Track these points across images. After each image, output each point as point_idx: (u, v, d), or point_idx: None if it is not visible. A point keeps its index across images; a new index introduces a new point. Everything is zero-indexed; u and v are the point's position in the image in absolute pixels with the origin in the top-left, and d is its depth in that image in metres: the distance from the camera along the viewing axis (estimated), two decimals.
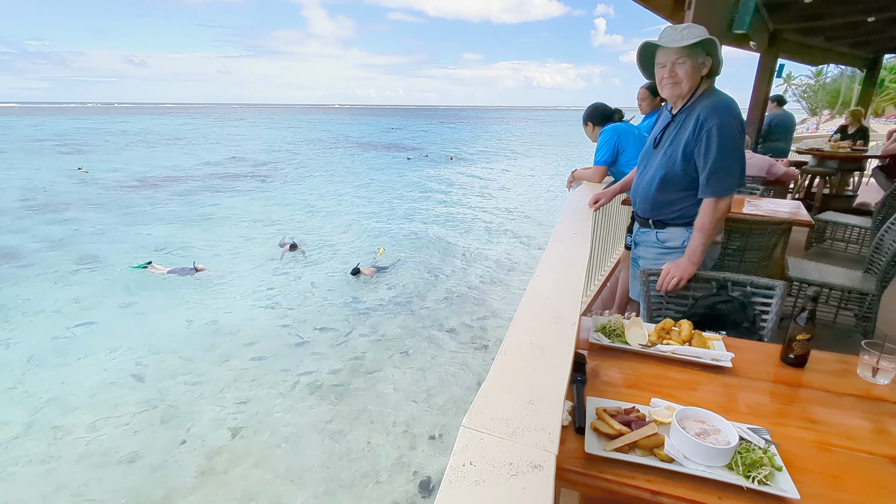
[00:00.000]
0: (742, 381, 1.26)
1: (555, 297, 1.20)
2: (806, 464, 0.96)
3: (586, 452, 0.96)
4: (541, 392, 0.81)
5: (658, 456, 0.95)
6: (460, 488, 0.60)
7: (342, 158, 25.23)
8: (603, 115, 3.01)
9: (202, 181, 17.35)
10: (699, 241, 1.88)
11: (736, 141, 1.80)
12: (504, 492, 0.60)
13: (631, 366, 1.32)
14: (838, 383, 1.26)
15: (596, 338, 1.40)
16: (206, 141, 35.10)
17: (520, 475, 0.62)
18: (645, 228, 2.15)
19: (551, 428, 0.72)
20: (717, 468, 0.92)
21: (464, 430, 0.71)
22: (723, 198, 1.84)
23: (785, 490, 0.87)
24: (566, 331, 1.02)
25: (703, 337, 1.39)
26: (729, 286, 1.85)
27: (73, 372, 4.98)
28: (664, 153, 1.96)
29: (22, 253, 8.84)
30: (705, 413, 1.01)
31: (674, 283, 1.86)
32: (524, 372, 0.87)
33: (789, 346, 1.32)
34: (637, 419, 1.03)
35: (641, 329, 1.41)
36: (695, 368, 1.31)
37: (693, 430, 0.98)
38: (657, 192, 2.00)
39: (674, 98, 1.91)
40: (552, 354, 0.93)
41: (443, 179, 18.21)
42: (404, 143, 35.71)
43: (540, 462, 0.64)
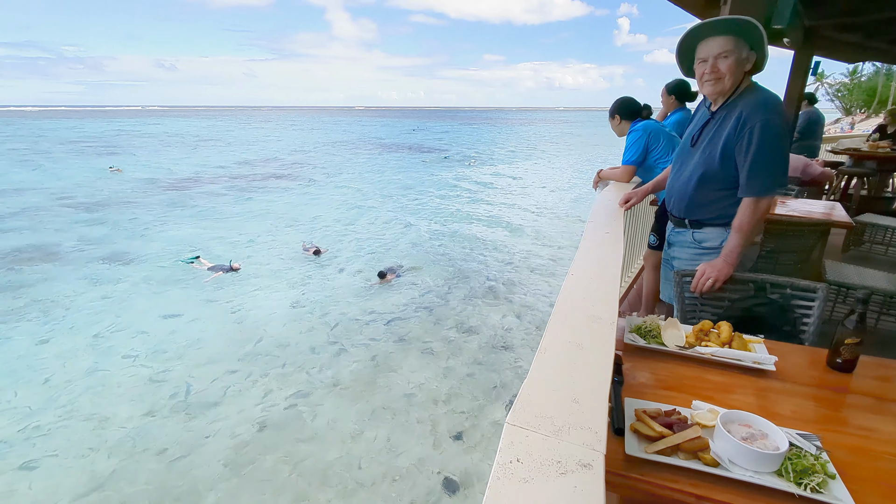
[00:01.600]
0: (786, 386, 1.21)
1: (590, 296, 1.18)
2: (859, 473, 0.92)
3: (627, 454, 0.94)
4: (584, 390, 0.79)
5: (702, 460, 0.92)
6: (508, 485, 0.60)
7: (364, 160, 25.46)
8: (631, 110, 2.95)
9: (230, 181, 17.73)
10: (737, 241, 1.82)
11: (780, 139, 1.74)
12: (553, 490, 0.59)
13: (668, 368, 1.29)
14: (890, 389, 1.21)
15: (631, 338, 1.37)
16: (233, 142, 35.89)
17: (569, 474, 0.61)
18: (680, 228, 2.09)
19: (598, 427, 0.70)
20: (765, 474, 0.89)
21: (508, 426, 0.70)
22: (763, 197, 1.78)
23: (840, 499, 0.83)
24: (605, 329, 1.00)
25: (743, 339, 1.35)
26: (767, 288, 1.80)
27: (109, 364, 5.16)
28: (702, 151, 1.90)
29: (61, 250, 9.19)
30: (751, 417, 0.98)
31: (709, 285, 1.81)
32: (565, 370, 0.86)
33: (836, 350, 1.27)
34: (679, 421, 1.00)
35: (678, 330, 1.38)
36: (735, 371, 1.27)
37: (739, 434, 0.94)
38: (695, 192, 1.94)
39: (715, 95, 1.84)
40: (592, 353, 0.92)
41: (465, 180, 18.20)
42: (425, 144, 35.84)
43: (589, 461, 0.63)
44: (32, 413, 4.34)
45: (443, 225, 11.36)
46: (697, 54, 1.82)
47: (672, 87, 3.49)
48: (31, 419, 4.24)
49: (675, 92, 3.50)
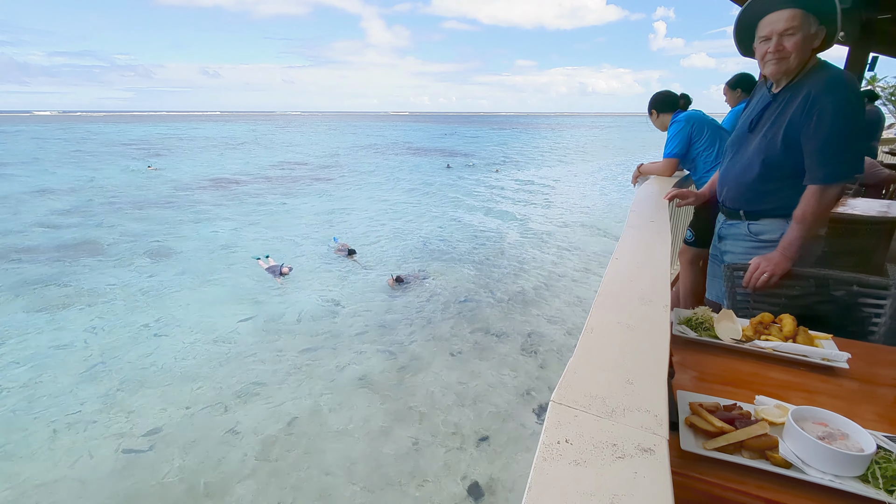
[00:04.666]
0: (862, 386, 1.08)
1: (638, 278, 1.09)
2: None
3: (682, 450, 0.84)
4: (639, 372, 0.70)
5: (771, 459, 0.81)
6: (556, 466, 0.52)
7: (396, 163, 25.68)
8: (667, 102, 2.82)
9: (267, 183, 18.20)
10: (797, 233, 1.67)
11: (854, 120, 1.58)
12: (610, 475, 0.50)
13: (722, 362, 1.17)
14: None
15: (680, 330, 1.26)
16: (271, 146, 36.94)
17: (627, 458, 0.53)
18: (734, 220, 1.94)
19: (658, 410, 0.61)
20: (847, 479, 0.77)
21: (554, 405, 0.62)
22: (832, 185, 1.62)
23: None
24: (658, 312, 0.91)
25: (809, 334, 1.22)
26: (830, 284, 1.64)
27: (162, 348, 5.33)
28: (763, 136, 1.76)
29: (104, 245, 9.59)
30: (828, 414, 0.86)
31: (763, 280, 1.67)
32: (615, 351, 0.77)
33: None
34: (741, 416, 0.90)
35: (734, 323, 1.26)
36: (801, 369, 1.14)
37: (815, 433, 0.83)
38: (754, 180, 1.80)
39: (778, 75, 1.70)
40: (645, 335, 0.82)
41: (493, 185, 18.08)
42: (456, 148, 35.91)
43: (650, 446, 0.54)
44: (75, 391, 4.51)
45: (471, 228, 11.29)
46: (759, 31, 1.68)
47: (735, 82, 3.35)
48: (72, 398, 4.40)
49: (740, 85, 3.34)
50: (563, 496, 0.47)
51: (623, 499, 0.47)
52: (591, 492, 0.47)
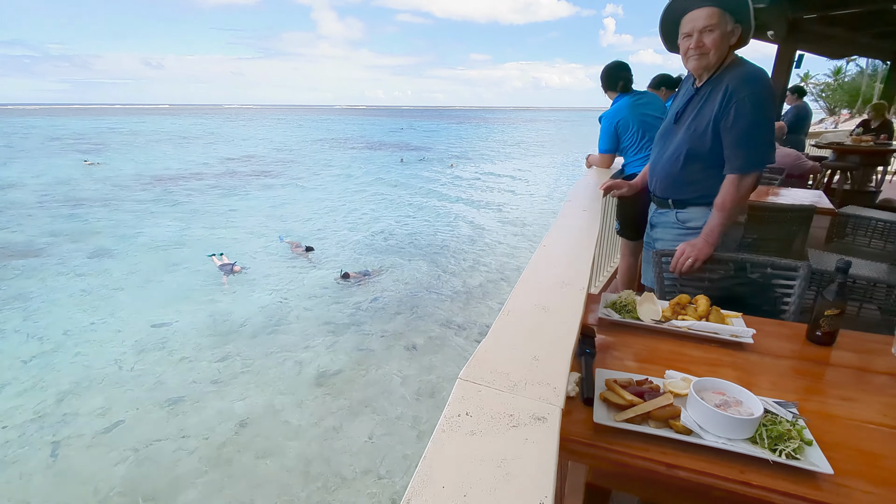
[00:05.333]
0: (765, 359, 1.17)
1: (563, 264, 1.13)
2: (838, 440, 0.88)
3: (595, 423, 0.89)
4: (546, 349, 0.74)
5: (674, 427, 0.87)
6: (453, 437, 0.54)
7: (350, 158, 25.30)
8: (609, 79, 2.85)
9: (215, 179, 17.52)
10: (718, 220, 1.78)
11: (767, 113, 1.70)
12: (502, 442, 0.53)
13: (643, 342, 1.24)
14: (871, 362, 1.17)
15: (606, 313, 1.33)
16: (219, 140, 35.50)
17: (521, 427, 0.56)
18: (663, 209, 2.05)
19: (557, 382, 0.65)
20: (738, 441, 0.85)
21: (460, 382, 0.65)
22: (748, 174, 1.73)
23: (816, 465, 0.78)
24: (574, 294, 0.95)
25: (720, 313, 1.31)
26: (748, 268, 1.76)
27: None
28: (687, 128, 1.86)
29: (37, 246, 8.98)
30: (726, 384, 0.94)
31: (688, 265, 1.77)
32: (527, 330, 0.81)
33: (816, 322, 1.23)
34: (650, 390, 0.96)
35: (654, 305, 1.33)
36: (713, 345, 1.23)
37: (712, 402, 0.90)
38: (680, 170, 1.89)
39: (700, 70, 1.79)
40: (559, 315, 0.87)
41: (448, 179, 18.14)
42: (412, 142, 35.71)
43: (544, 414, 0.58)
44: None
45: (427, 222, 11.30)
46: (681, 28, 1.77)
47: (657, 83, 3.48)
48: None
49: (662, 84, 3.48)
50: (456, 462, 0.49)
51: (511, 461, 0.50)
52: (482, 457, 0.50)
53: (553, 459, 0.50)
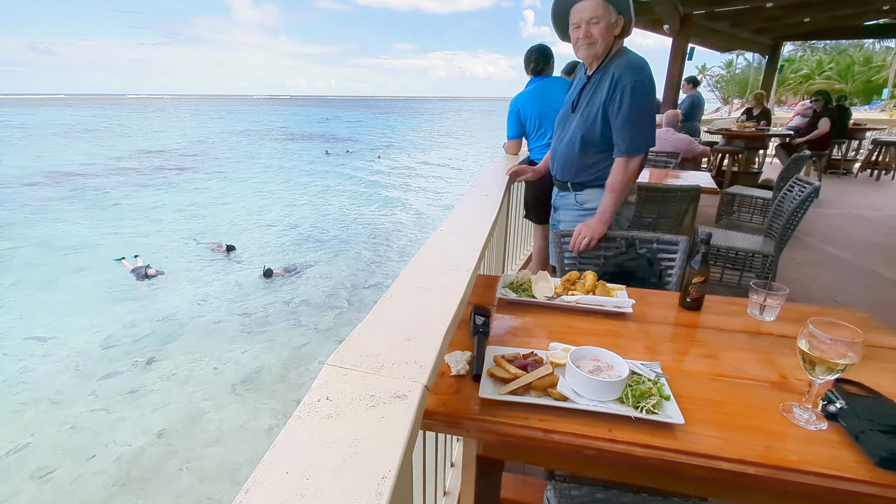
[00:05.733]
0: (642, 326, 1.28)
1: (454, 248, 1.16)
2: (695, 393, 0.98)
3: (480, 398, 0.92)
4: (421, 329, 0.75)
5: (552, 395, 0.93)
6: (309, 423, 0.54)
7: (270, 151, 24.15)
8: (526, 61, 2.89)
9: (122, 175, 16.01)
10: (610, 201, 1.91)
11: (648, 100, 1.83)
12: (358, 423, 0.54)
13: (537, 318, 1.31)
14: (731, 322, 1.31)
15: (503, 293, 1.38)
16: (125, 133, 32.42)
17: (380, 406, 0.56)
18: (564, 192, 2.15)
19: (424, 360, 0.67)
20: (609, 402, 0.92)
21: (326, 367, 0.64)
22: (634, 157, 1.87)
23: (671, 417, 0.87)
24: (459, 276, 0.98)
25: (606, 287, 1.41)
26: (637, 244, 1.91)
27: None
28: (581, 114, 1.96)
29: None
30: (600, 351, 1.01)
31: (585, 243, 1.89)
32: (407, 313, 0.82)
33: (686, 290, 1.36)
34: (534, 362, 1.01)
35: (548, 282, 1.40)
36: (598, 316, 1.32)
37: (587, 368, 0.97)
38: (576, 155, 2.00)
39: (589, 59, 1.90)
40: (440, 297, 0.88)
41: (374, 171, 17.91)
42: (337, 134, 34.78)
43: (404, 392, 0.59)
44: None
45: (353, 215, 11.11)
46: (571, 19, 1.86)
47: (570, 69, 3.57)
48: None
49: (574, 70, 3.60)
50: (305, 447, 0.49)
51: (362, 440, 0.50)
52: (333, 440, 0.50)
53: (405, 433, 0.51)
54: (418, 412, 0.58)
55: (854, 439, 0.83)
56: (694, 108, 6.78)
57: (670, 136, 4.96)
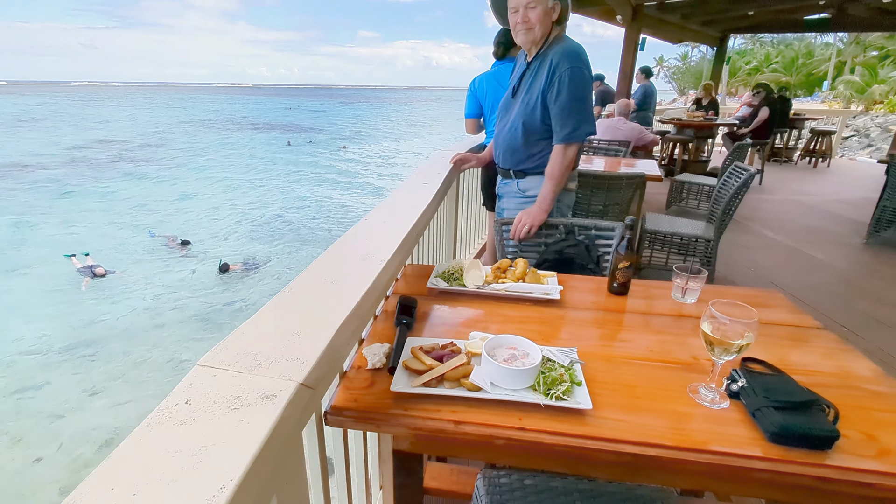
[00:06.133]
0: (569, 312, 1.28)
1: (374, 238, 1.12)
2: (609, 377, 0.98)
3: (392, 391, 0.90)
4: (315, 323, 0.72)
5: (465, 386, 0.91)
6: (158, 430, 0.50)
7: (230, 141, 23.31)
8: (495, 44, 2.88)
9: (71, 167, 15.09)
10: (549, 188, 1.91)
11: (585, 87, 1.83)
12: (213, 428, 0.50)
13: (467, 307, 1.29)
14: (655, 306, 1.34)
15: (434, 283, 1.35)
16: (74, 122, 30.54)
17: (242, 408, 0.53)
18: (507, 179, 2.15)
19: (307, 356, 0.63)
20: (521, 390, 0.91)
21: (197, 368, 0.60)
22: (571, 144, 1.87)
23: (580, 403, 0.87)
24: (371, 266, 0.94)
25: (537, 274, 1.40)
26: (576, 230, 1.92)
27: None
28: (521, 101, 1.95)
29: None
30: (517, 339, 1.00)
31: (525, 231, 1.89)
32: (305, 306, 0.78)
33: (613, 275, 1.38)
34: (451, 353, 0.99)
35: (480, 271, 1.39)
36: (527, 304, 1.31)
37: (502, 357, 0.95)
38: (517, 142, 1.99)
39: (528, 44, 1.89)
40: (347, 288, 0.85)
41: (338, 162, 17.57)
42: (300, 123, 33.90)
43: (275, 392, 0.55)
44: None
45: (316, 207, 10.88)
46: (509, 3, 1.84)
47: None
48: None
49: None
50: (144, 458, 0.45)
51: (211, 447, 0.47)
52: (179, 448, 0.47)
53: (260, 437, 0.48)
54: (288, 412, 0.54)
55: (752, 416, 0.85)
56: (647, 98, 6.94)
57: (622, 125, 5.05)
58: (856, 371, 1.04)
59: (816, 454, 0.79)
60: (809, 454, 0.79)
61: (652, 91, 7.01)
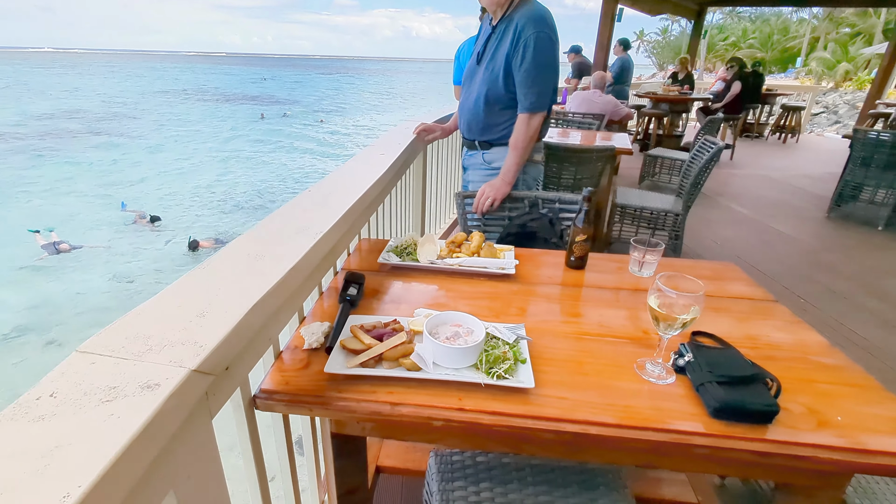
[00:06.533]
0: (525, 287, 1.24)
1: (314, 211, 1.05)
2: (556, 354, 0.95)
3: (326, 373, 0.85)
4: (223, 302, 0.65)
5: (403, 365, 0.87)
6: (8, 428, 0.43)
7: (201, 114, 22.41)
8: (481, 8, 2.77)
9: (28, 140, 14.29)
10: (513, 160, 1.85)
11: (551, 54, 1.75)
12: (75, 424, 0.44)
13: (419, 283, 1.24)
14: (611, 280, 1.31)
15: (385, 258, 1.30)
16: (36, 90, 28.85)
17: (116, 400, 0.47)
18: (472, 151, 2.07)
19: (207, 340, 0.57)
20: (463, 369, 0.87)
21: (74, 355, 0.53)
22: (536, 113, 1.80)
23: (522, 381, 0.83)
24: (305, 240, 0.88)
25: (493, 248, 1.36)
26: (540, 203, 1.88)
27: None
28: (486, 67, 1.86)
29: None
30: (461, 316, 0.96)
31: (488, 205, 1.83)
32: (217, 284, 0.71)
33: (570, 248, 1.34)
34: (393, 331, 0.94)
35: (434, 245, 1.34)
36: (482, 279, 1.27)
37: (445, 335, 0.91)
38: (482, 112, 1.91)
39: (493, 6, 1.80)
40: (270, 263, 0.78)
41: (315, 136, 17.10)
42: (276, 95, 32.76)
43: (158, 381, 0.49)
44: None
45: (290, 183, 10.60)
46: None
47: None
48: None
49: None
50: None
51: (67, 447, 0.41)
52: (26, 449, 0.40)
53: (130, 433, 0.42)
54: (174, 402, 0.48)
55: (696, 391, 0.83)
56: (623, 72, 6.86)
57: (597, 97, 4.98)
58: (804, 343, 1.04)
59: (757, 428, 0.77)
60: (750, 428, 0.77)
61: (629, 64, 6.93)
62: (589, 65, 7.15)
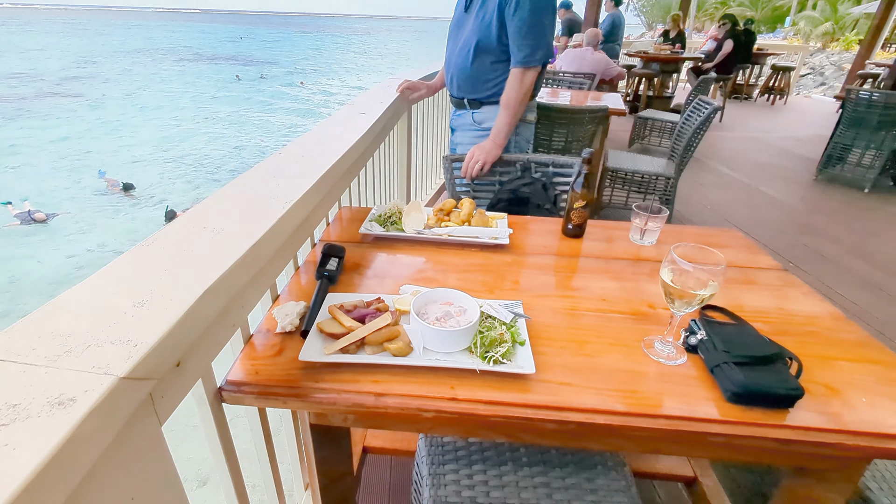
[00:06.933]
0: (519, 258, 1.15)
1: (286, 175, 0.93)
2: (557, 333, 0.87)
3: (300, 360, 0.75)
4: (171, 288, 0.54)
5: (389, 351, 0.77)
6: None
7: (175, 74, 21.32)
8: None
9: None
10: (505, 119, 1.72)
11: (547, 4, 1.60)
12: None
13: (404, 255, 1.14)
14: (611, 249, 1.22)
15: (368, 227, 1.18)
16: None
17: (14, 423, 0.36)
18: (460, 110, 1.93)
19: (145, 336, 0.47)
20: (455, 354, 0.78)
21: None
22: (530, 68, 1.67)
23: (521, 367, 0.75)
24: (269, 212, 0.76)
25: (484, 216, 1.25)
26: (532, 167, 1.76)
27: None
28: (476, 16, 1.70)
29: None
30: (453, 293, 0.86)
31: (478, 168, 1.72)
32: (164, 265, 0.60)
33: (569, 216, 1.24)
34: (376, 311, 0.84)
35: (421, 213, 1.23)
36: (473, 249, 1.17)
37: (434, 315, 0.82)
38: (471, 65, 1.76)
39: None
40: (231, 237, 0.67)
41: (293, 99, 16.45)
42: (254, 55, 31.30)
43: (74, 394, 0.39)
44: None
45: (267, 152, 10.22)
46: None
47: None
48: None
49: None
50: None
51: None
52: None
53: (28, 469, 0.33)
54: (95, 421, 0.38)
55: (710, 373, 0.76)
56: (615, 28, 6.61)
57: (589, 55, 4.79)
58: (818, 315, 0.97)
59: (777, 413, 0.70)
60: (770, 414, 0.70)
61: (620, 20, 6.67)
62: (580, 21, 6.87)
